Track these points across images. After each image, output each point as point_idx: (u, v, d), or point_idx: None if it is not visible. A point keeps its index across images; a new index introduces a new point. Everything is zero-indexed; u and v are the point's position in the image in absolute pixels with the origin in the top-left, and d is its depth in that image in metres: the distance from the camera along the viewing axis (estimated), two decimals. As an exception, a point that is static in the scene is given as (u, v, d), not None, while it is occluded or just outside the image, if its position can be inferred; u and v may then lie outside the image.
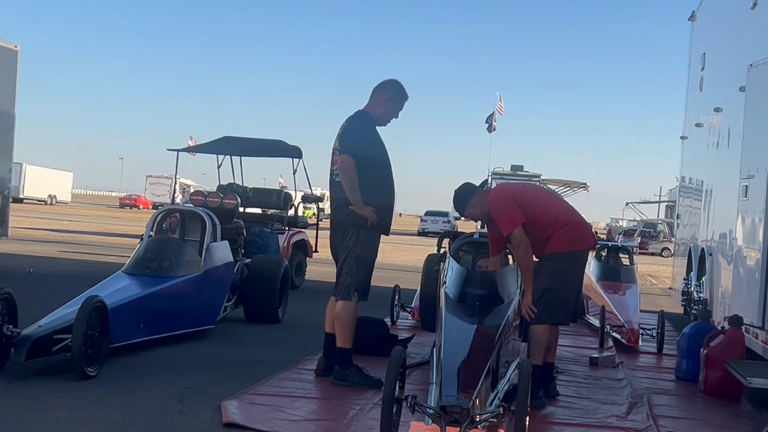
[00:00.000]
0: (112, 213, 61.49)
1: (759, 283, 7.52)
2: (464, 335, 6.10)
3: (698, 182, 12.88)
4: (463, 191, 7.15)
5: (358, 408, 6.18)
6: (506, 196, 6.95)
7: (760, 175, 7.69)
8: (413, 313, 10.93)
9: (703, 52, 12.97)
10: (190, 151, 17.49)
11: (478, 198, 7.06)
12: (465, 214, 7.27)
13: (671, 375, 8.58)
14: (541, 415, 6.35)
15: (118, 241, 25.28)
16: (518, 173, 37.67)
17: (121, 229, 34.90)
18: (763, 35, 8.48)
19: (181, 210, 10.10)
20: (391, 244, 32.12)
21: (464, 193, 7.15)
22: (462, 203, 7.14)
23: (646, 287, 20.18)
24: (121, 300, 7.63)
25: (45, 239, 24.37)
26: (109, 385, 6.41)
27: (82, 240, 25.53)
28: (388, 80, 7.40)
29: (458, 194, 7.16)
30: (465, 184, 7.25)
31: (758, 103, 7.96)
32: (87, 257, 18.69)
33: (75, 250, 20.53)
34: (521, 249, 6.75)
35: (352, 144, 6.99)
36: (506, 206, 6.82)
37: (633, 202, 54.45)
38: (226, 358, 7.96)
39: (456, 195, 7.17)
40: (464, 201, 7.11)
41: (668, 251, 43.54)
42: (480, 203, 7.02)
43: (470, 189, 7.20)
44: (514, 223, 6.69)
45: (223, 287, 9.47)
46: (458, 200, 7.17)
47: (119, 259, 15.82)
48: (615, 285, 11.75)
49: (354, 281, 7.01)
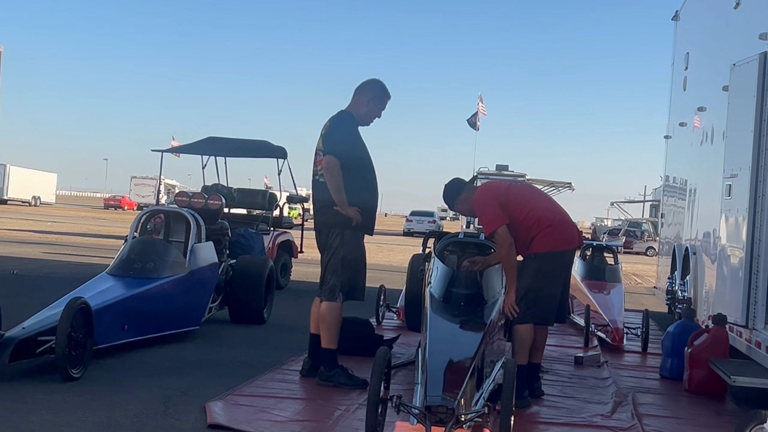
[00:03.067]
0: (97, 214, 61.26)
1: (743, 281, 7.54)
2: (449, 335, 6.12)
3: (682, 181, 12.91)
4: (452, 186, 7.27)
5: (343, 408, 6.18)
6: (490, 195, 6.98)
7: (744, 175, 7.72)
8: (398, 313, 10.94)
9: (686, 52, 13.00)
10: (175, 151, 17.47)
11: (467, 194, 7.16)
12: (454, 209, 7.36)
13: (656, 374, 8.61)
14: (526, 414, 6.35)
15: (103, 243, 25.20)
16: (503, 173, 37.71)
17: (106, 230, 34.78)
18: (746, 35, 8.50)
19: (166, 211, 10.07)
20: (377, 245, 32.12)
21: (453, 188, 7.27)
22: (451, 198, 7.27)
23: (630, 286, 20.24)
24: (105, 301, 7.60)
25: (29, 241, 24.26)
26: (94, 387, 6.38)
27: (67, 241, 25.42)
28: (370, 80, 7.40)
29: (448, 189, 7.28)
30: (455, 179, 7.35)
31: (741, 103, 7.99)
32: (71, 258, 18.62)
33: (59, 252, 20.44)
34: (504, 248, 6.78)
35: (337, 144, 6.98)
36: (489, 206, 6.87)
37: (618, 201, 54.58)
38: (211, 360, 7.94)
39: (446, 189, 7.29)
40: (454, 196, 7.25)
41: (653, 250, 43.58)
42: (468, 199, 7.12)
43: (459, 184, 7.29)
44: (494, 224, 6.74)
45: (207, 288, 9.45)
46: (448, 195, 7.30)
47: (104, 260, 15.76)
48: (600, 284, 11.77)
49: (339, 282, 7.00)
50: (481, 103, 46.19)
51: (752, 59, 7.73)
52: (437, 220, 56.31)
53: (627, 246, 46.75)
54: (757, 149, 7.54)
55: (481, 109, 46.00)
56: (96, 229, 34.96)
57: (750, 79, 7.71)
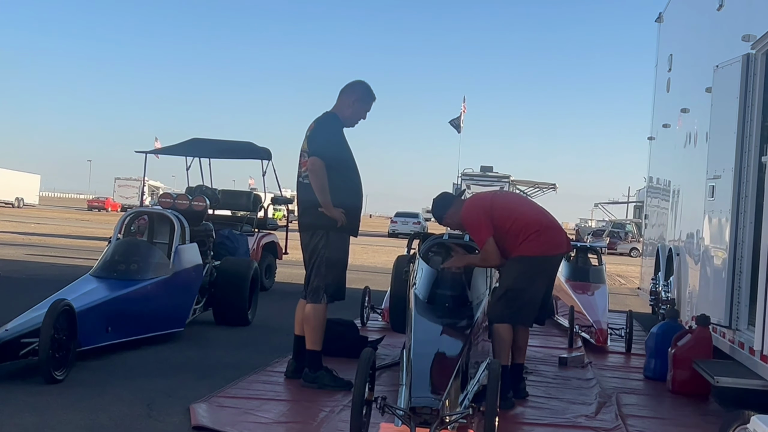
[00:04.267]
0: (81, 215, 61.04)
1: (726, 282, 7.56)
2: (434, 336, 6.13)
3: (666, 183, 12.96)
4: (440, 201, 7.38)
5: (328, 410, 6.18)
6: (477, 209, 7.05)
7: (727, 176, 7.75)
8: (383, 314, 10.93)
9: (670, 54, 13.06)
10: (159, 153, 17.40)
11: (455, 208, 7.26)
12: (443, 222, 7.42)
13: (640, 374, 8.63)
14: (510, 415, 6.37)
15: (87, 244, 25.10)
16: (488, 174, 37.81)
17: (90, 231, 34.66)
18: (728, 37, 8.54)
19: (150, 212, 10.06)
20: (362, 246, 32.12)
21: (441, 202, 7.37)
22: (440, 212, 7.36)
23: (614, 287, 20.30)
24: (88, 303, 7.58)
25: (12, 242, 24.14)
26: (77, 389, 6.36)
27: (50, 243, 25.31)
28: (355, 81, 7.39)
29: (436, 204, 7.40)
30: (443, 193, 7.50)
31: (724, 104, 8.02)
32: (55, 260, 18.54)
33: (43, 254, 20.35)
34: (488, 263, 7.01)
35: (322, 146, 6.97)
36: (475, 220, 7.00)
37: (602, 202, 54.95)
38: (195, 361, 7.92)
39: (434, 204, 7.41)
40: (442, 210, 7.33)
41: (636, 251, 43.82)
42: (456, 213, 7.22)
43: (448, 199, 7.42)
44: (482, 236, 6.87)
45: (191, 290, 9.43)
46: (436, 209, 7.42)
47: (87, 262, 15.70)
48: (584, 285, 11.80)
49: (323, 283, 6.99)
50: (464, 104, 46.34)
51: (735, 61, 7.76)
52: (422, 222, 56.28)
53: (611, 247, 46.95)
54: (739, 150, 7.57)
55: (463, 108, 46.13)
56: (80, 231, 34.84)
57: (733, 80, 7.74)
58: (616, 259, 39.01)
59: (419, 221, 55.86)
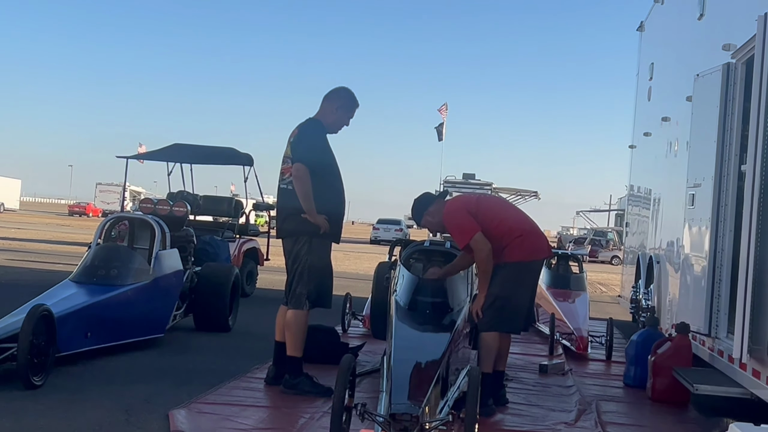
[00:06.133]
0: (61, 221, 60.77)
1: (705, 291, 7.59)
2: (414, 343, 6.12)
3: (647, 191, 13.02)
4: (421, 200, 7.21)
5: (307, 416, 6.16)
6: (460, 208, 6.97)
7: (707, 184, 7.79)
8: (364, 321, 10.92)
9: (651, 62, 13.13)
10: (141, 158, 17.34)
11: (436, 207, 7.10)
12: (422, 223, 7.29)
13: (619, 382, 8.65)
14: (490, 422, 6.37)
15: (67, 249, 24.99)
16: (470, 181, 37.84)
17: (70, 237, 34.49)
18: (709, 46, 8.59)
19: (130, 218, 10.01)
20: (344, 252, 32.10)
21: (423, 202, 7.20)
22: (420, 212, 7.18)
23: (595, 295, 20.35)
24: (68, 308, 7.54)
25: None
26: (55, 395, 6.33)
27: (30, 248, 25.19)
28: (339, 88, 7.38)
29: (417, 203, 7.23)
30: (424, 193, 7.31)
31: (704, 113, 8.06)
32: (35, 265, 18.46)
33: (22, 258, 20.26)
34: (483, 254, 6.76)
35: (306, 152, 6.96)
36: (459, 218, 6.85)
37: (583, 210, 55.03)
38: (175, 367, 7.89)
39: (414, 204, 7.24)
40: (422, 210, 7.16)
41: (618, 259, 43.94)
42: (437, 212, 7.06)
43: (428, 198, 7.25)
44: (468, 233, 6.72)
45: (172, 295, 9.40)
46: (416, 209, 7.22)
47: (67, 267, 15.62)
48: (565, 293, 11.82)
49: (305, 290, 6.97)
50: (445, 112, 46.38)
51: (715, 70, 7.81)
52: (404, 228, 56.34)
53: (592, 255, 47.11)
54: (720, 159, 7.61)
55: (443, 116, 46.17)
56: (60, 236, 34.68)
57: (713, 89, 7.79)
58: (597, 267, 39.15)
59: (401, 228, 55.91)
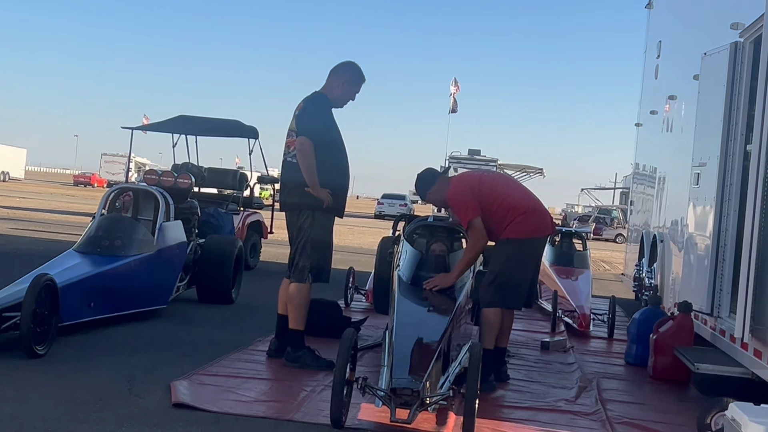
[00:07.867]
0: (66, 191, 60.82)
1: (708, 270, 7.60)
2: (416, 318, 6.14)
3: (652, 169, 12.99)
4: (425, 176, 7.23)
5: (309, 389, 6.18)
6: (464, 187, 6.97)
7: (712, 163, 7.77)
8: (367, 295, 10.95)
9: (659, 40, 13.06)
10: (146, 129, 17.31)
11: (440, 185, 7.13)
12: (426, 199, 7.32)
13: (621, 360, 8.67)
14: (491, 398, 6.39)
15: (71, 219, 25.02)
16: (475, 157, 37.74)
17: (75, 207, 34.53)
18: (717, 24, 8.54)
19: (134, 189, 10.00)
20: (348, 227, 32.12)
21: (426, 178, 7.22)
22: (423, 188, 7.22)
23: (598, 273, 20.37)
24: (71, 278, 7.55)
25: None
26: (58, 364, 6.35)
27: (35, 218, 25.22)
28: (345, 62, 7.35)
29: (420, 179, 7.24)
30: (428, 169, 7.33)
31: (711, 92, 8.03)
32: (39, 235, 18.47)
33: (27, 228, 20.28)
34: (475, 238, 6.80)
35: (310, 126, 6.94)
36: (463, 197, 6.87)
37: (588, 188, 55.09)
38: (178, 339, 7.91)
39: (418, 180, 7.25)
40: (426, 186, 7.20)
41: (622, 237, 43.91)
42: (441, 190, 7.08)
43: (432, 175, 7.27)
44: (469, 215, 6.75)
45: (175, 267, 9.41)
46: (420, 185, 7.25)
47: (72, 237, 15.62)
48: (568, 270, 11.83)
49: (309, 263, 6.98)
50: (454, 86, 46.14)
51: (723, 49, 7.77)
52: (409, 204, 56.34)
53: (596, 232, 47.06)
54: (725, 138, 7.59)
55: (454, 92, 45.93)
56: (65, 206, 34.71)
57: (720, 68, 7.75)
58: (601, 245, 39.15)
59: (406, 203, 55.94)
